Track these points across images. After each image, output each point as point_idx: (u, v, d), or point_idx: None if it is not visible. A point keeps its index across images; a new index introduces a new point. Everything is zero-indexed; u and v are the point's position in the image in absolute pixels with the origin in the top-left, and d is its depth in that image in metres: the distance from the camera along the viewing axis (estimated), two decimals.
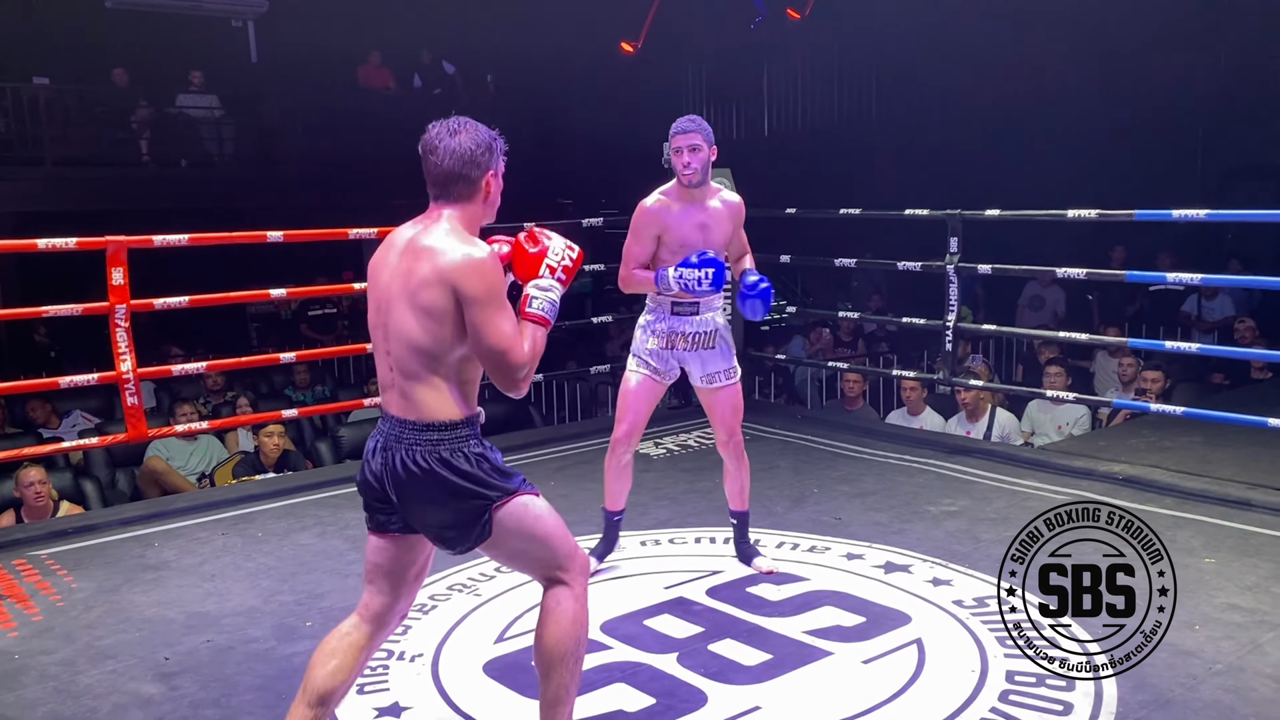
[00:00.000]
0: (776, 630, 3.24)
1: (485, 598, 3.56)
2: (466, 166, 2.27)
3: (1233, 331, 7.90)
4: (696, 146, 3.48)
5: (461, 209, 2.29)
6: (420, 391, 2.24)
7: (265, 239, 5.01)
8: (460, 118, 2.33)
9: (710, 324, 3.63)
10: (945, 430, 6.33)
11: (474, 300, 2.16)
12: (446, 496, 2.26)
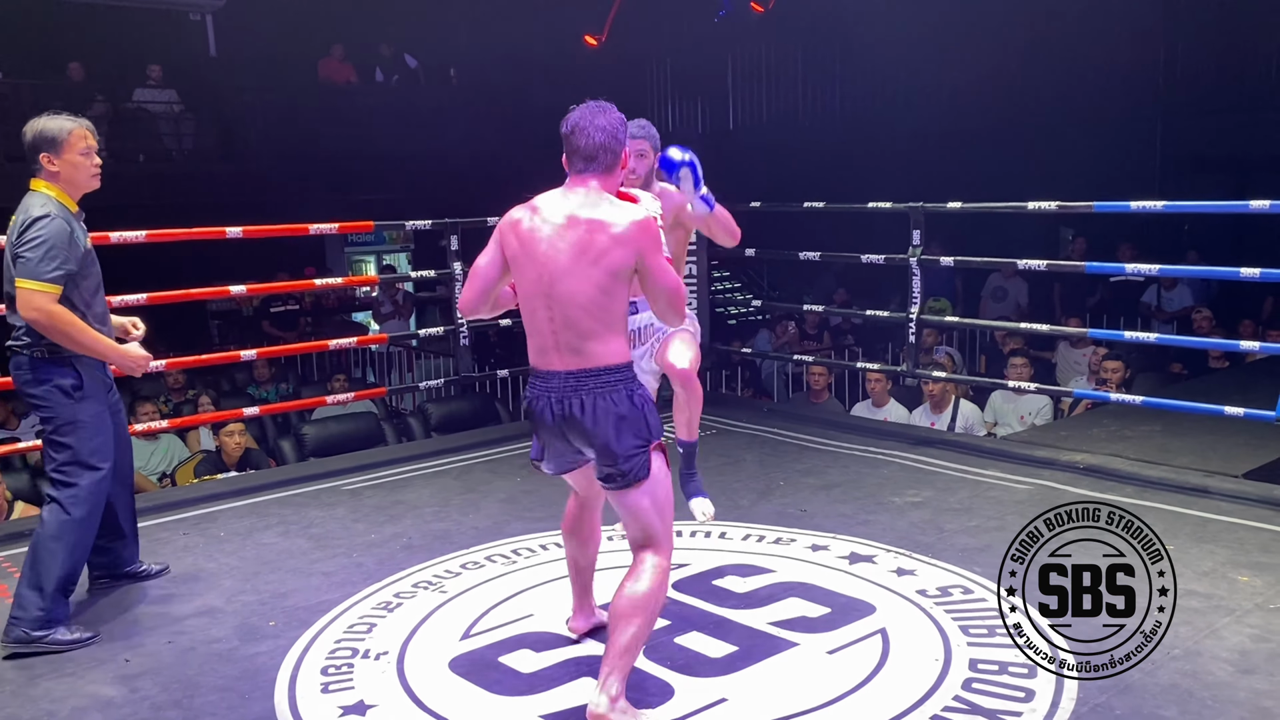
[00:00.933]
0: (742, 622, 3.25)
1: (451, 594, 3.54)
2: (612, 141, 2.60)
3: (1191, 321, 8.03)
4: (642, 153, 3.59)
5: (604, 179, 2.61)
6: (593, 345, 2.57)
7: (225, 235, 4.95)
8: (601, 101, 2.66)
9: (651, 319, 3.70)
10: (910, 422, 6.37)
11: (648, 250, 2.56)
12: (625, 430, 2.58)
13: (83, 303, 3.35)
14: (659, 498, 2.66)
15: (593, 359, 2.57)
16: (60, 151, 3.30)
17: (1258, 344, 5.24)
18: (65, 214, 3.30)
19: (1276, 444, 5.00)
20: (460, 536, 4.11)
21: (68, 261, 3.24)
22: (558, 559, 3.84)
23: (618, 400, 2.58)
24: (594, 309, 2.55)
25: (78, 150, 3.33)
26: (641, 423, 2.61)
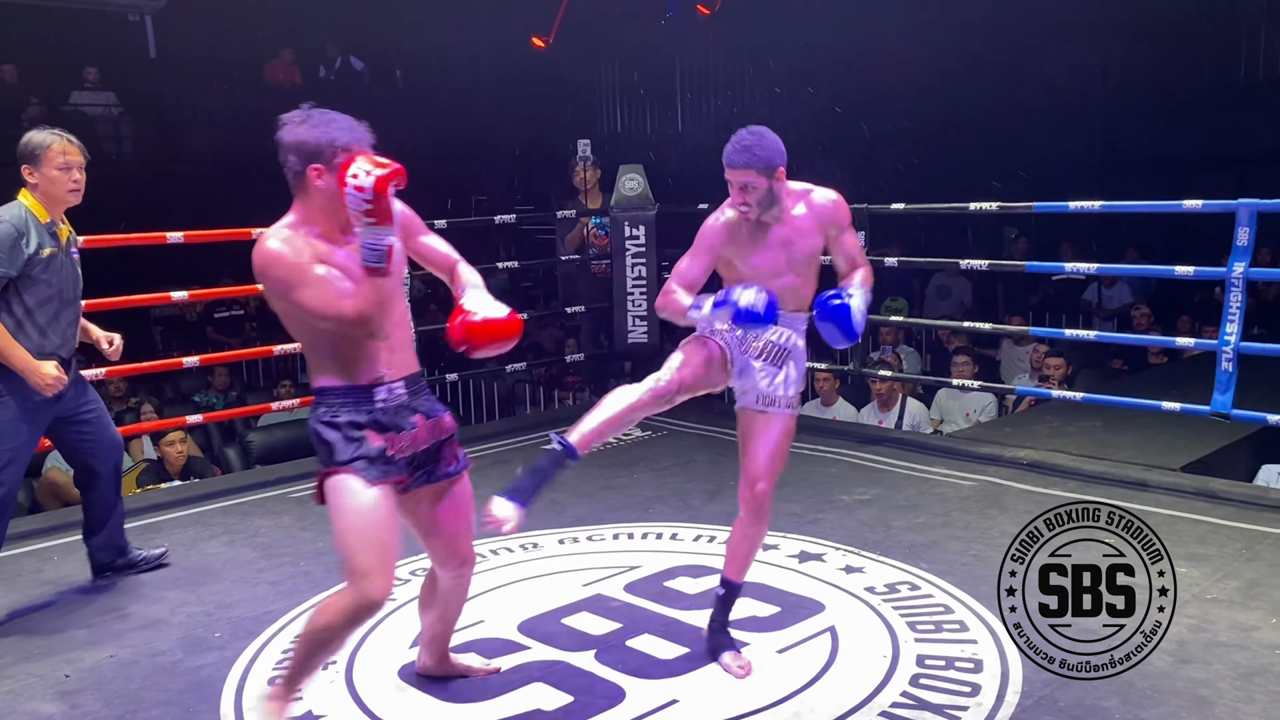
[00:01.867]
0: (694, 623, 3.26)
1: (400, 601, 3.51)
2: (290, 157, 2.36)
3: (1131, 318, 8.20)
4: (747, 186, 2.79)
5: (299, 198, 2.39)
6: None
7: (165, 240, 4.87)
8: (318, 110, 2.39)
9: (787, 337, 2.96)
10: (858, 420, 6.44)
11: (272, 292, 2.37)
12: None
13: (22, 310, 3.43)
14: (336, 529, 2.46)
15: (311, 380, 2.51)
16: (39, 165, 3.43)
17: (1192, 340, 5.36)
18: (25, 223, 3.39)
19: (1212, 438, 5.12)
20: (410, 542, 4.02)
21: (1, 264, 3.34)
22: (507, 564, 3.84)
23: (311, 424, 2.47)
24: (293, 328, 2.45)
25: (55, 165, 3.44)
26: (319, 453, 2.47)
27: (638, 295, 6.33)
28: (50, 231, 3.48)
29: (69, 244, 3.59)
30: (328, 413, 2.44)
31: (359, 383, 2.43)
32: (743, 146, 2.79)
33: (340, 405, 2.43)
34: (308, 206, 2.37)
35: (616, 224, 6.20)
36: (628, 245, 6.20)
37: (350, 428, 2.42)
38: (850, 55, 12.05)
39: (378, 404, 2.45)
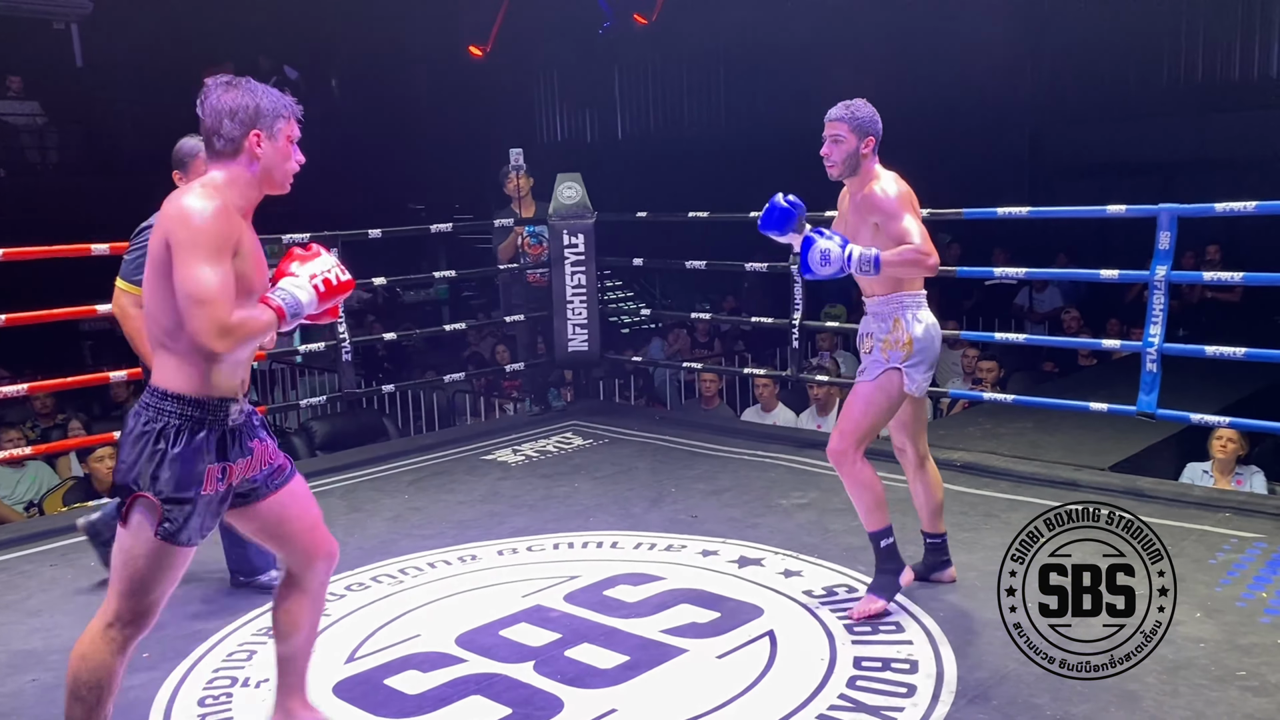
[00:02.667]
0: (633, 631, 3.26)
1: (335, 617, 3.46)
2: (220, 123, 2.21)
3: (1061, 322, 8.38)
4: (837, 137, 3.15)
5: (224, 167, 2.24)
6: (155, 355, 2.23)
7: (90, 252, 4.75)
8: (244, 77, 2.28)
9: (866, 325, 3.36)
10: (797, 425, 6.49)
11: (176, 244, 2.11)
12: (118, 467, 2.24)
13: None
14: (121, 551, 2.22)
15: (152, 373, 2.24)
16: (188, 172, 3.61)
17: (1119, 342, 5.49)
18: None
19: (1139, 437, 5.25)
20: (345, 557, 3.96)
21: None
22: (446, 577, 3.80)
23: (134, 426, 2.20)
24: (151, 312, 2.21)
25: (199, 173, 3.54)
26: (135, 466, 2.17)
27: (578, 304, 6.32)
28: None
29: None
30: (182, 424, 2.18)
31: (216, 395, 2.22)
32: (844, 105, 3.19)
33: (197, 420, 2.19)
34: (235, 174, 2.24)
35: (555, 232, 6.18)
36: (566, 254, 6.18)
37: (192, 456, 2.18)
38: (786, 64, 12.18)
39: (227, 422, 2.24)
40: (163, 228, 2.14)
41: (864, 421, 3.29)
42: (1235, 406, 5.67)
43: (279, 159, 2.27)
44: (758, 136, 12.22)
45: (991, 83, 11.02)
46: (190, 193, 2.17)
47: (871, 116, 3.18)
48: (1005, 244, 9.26)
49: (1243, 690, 2.76)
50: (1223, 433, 4.89)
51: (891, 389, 3.29)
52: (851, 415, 3.31)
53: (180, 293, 2.09)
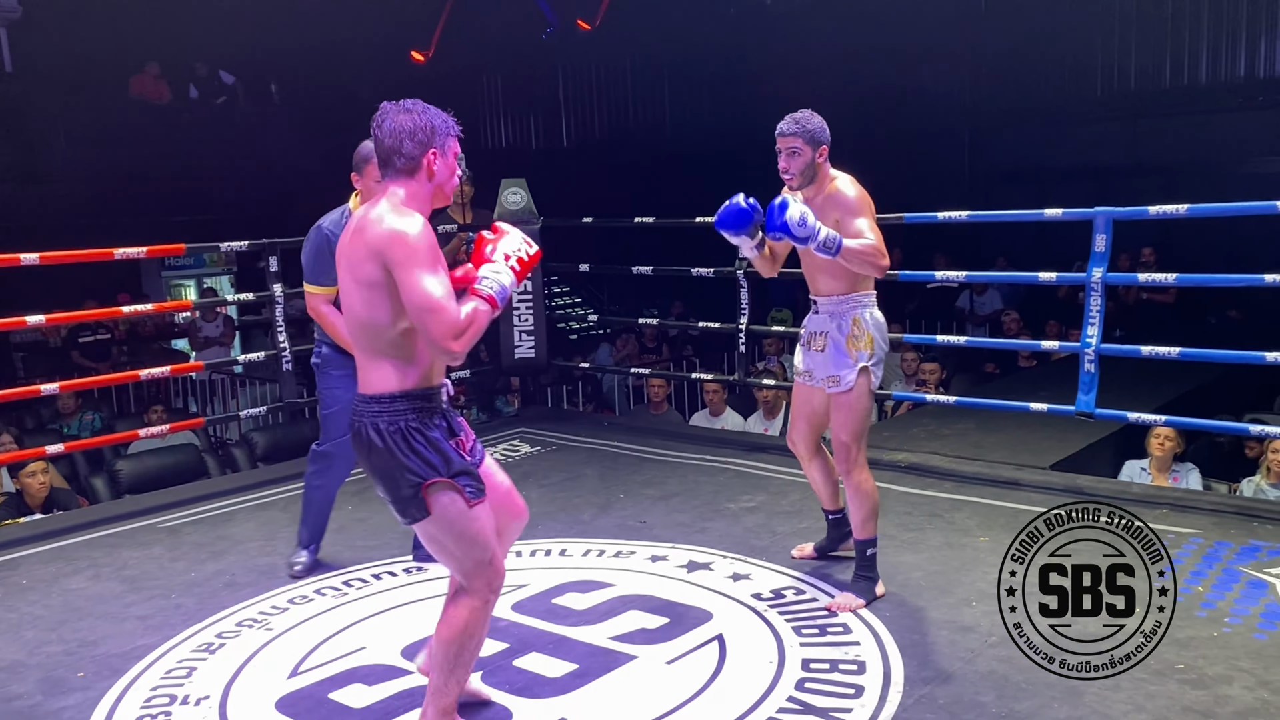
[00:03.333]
0: (582, 639, 3.24)
1: (278, 631, 3.39)
2: (401, 143, 2.38)
3: (1002, 324, 8.51)
4: (794, 151, 3.28)
5: (405, 183, 2.39)
6: (365, 365, 2.41)
7: (19, 262, 4.62)
8: (414, 99, 2.45)
9: (821, 324, 3.45)
10: (745, 429, 6.51)
11: (396, 263, 2.27)
12: (379, 471, 2.41)
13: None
14: (452, 534, 2.43)
15: (365, 382, 2.42)
16: (363, 174, 3.74)
17: (1057, 343, 5.59)
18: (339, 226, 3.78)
19: (1078, 436, 5.34)
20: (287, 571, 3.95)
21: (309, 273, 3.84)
22: (391, 588, 3.75)
23: (370, 436, 2.38)
24: (362, 322, 2.39)
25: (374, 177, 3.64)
26: (394, 464, 2.37)
27: (524, 310, 6.29)
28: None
29: None
30: (401, 417, 2.38)
31: (431, 385, 2.45)
32: (793, 119, 3.29)
33: (426, 410, 2.42)
34: (414, 190, 2.40)
35: None
36: None
37: (443, 438, 2.42)
38: (731, 69, 12.25)
39: (445, 406, 2.49)
40: (371, 248, 2.31)
41: (857, 428, 3.42)
42: (1171, 405, 5.81)
43: (448, 174, 2.45)
44: (703, 141, 12.27)
45: (931, 91, 11.21)
46: (390, 213, 2.34)
47: (821, 126, 3.32)
48: (946, 248, 9.39)
49: (1181, 683, 2.81)
50: (1160, 431, 4.99)
51: (867, 388, 3.43)
52: (846, 426, 3.41)
53: (411, 306, 2.29)
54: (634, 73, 13.89)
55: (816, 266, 3.42)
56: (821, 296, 3.45)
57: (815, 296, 3.49)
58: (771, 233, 3.14)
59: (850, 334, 3.39)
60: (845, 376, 3.39)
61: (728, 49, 12.02)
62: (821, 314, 3.46)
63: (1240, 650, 2.99)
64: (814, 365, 3.50)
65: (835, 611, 3.35)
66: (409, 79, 13.22)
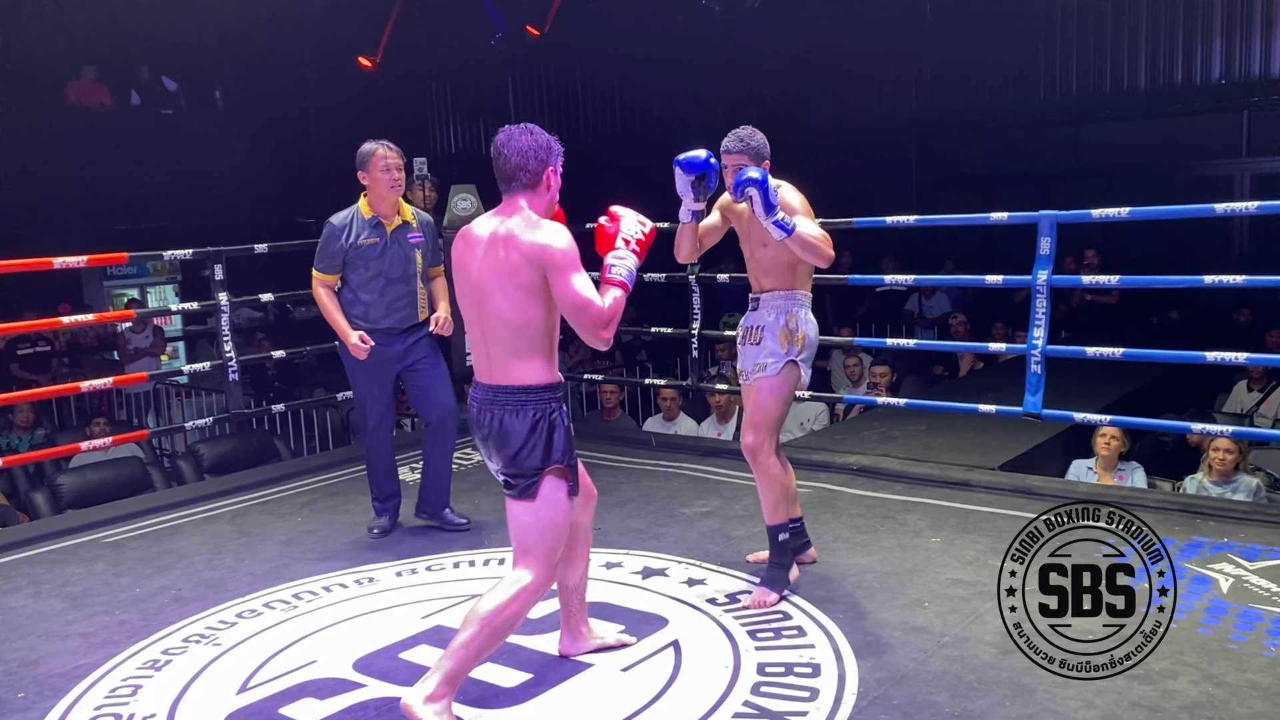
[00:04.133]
0: (536, 648, 3.21)
1: (226, 646, 3.33)
2: (526, 160, 2.69)
3: (950, 326, 8.62)
4: (741, 166, 3.42)
5: (529, 196, 2.71)
6: (512, 361, 2.69)
7: None
8: (528, 124, 2.76)
9: (759, 319, 3.57)
10: (698, 434, 6.52)
11: (552, 267, 2.60)
12: (520, 449, 2.69)
13: (350, 289, 4.26)
14: (542, 519, 2.71)
15: (508, 375, 2.69)
16: (366, 169, 4.17)
17: (1004, 345, 5.66)
18: (347, 221, 4.20)
19: (1026, 437, 5.42)
20: (236, 584, 3.88)
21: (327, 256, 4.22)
22: (342, 600, 3.70)
23: (522, 419, 2.68)
24: (512, 326, 2.66)
25: (379, 168, 4.15)
26: (537, 449, 2.69)
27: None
28: (374, 224, 4.17)
29: (398, 233, 4.22)
30: (552, 408, 2.71)
31: (558, 379, 2.75)
32: (737, 137, 3.47)
33: (562, 400, 2.73)
34: (537, 203, 2.71)
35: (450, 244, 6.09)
36: None
37: (570, 428, 2.75)
38: (677, 73, 12.29)
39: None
40: (527, 256, 2.61)
41: (773, 413, 3.52)
42: (1116, 405, 5.92)
43: (557, 189, 2.78)
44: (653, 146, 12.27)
45: (878, 98, 11.34)
46: (540, 225, 2.66)
47: (763, 142, 3.48)
48: (894, 252, 9.49)
49: (1129, 679, 2.85)
50: (1106, 430, 5.07)
51: (792, 381, 3.54)
52: (762, 409, 3.52)
53: (566, 304, 2.62)
54: (584, 78, 13.88)
55: (761, 265, 3.55)
56: (764, 293, 3.57)
57: (757, 294, 3.61)
58: (739, 189, 3.28)
59: (786, 325, 3.51)
60: (772, 365, 3.51)
61: (677, 55, 12.06)
62: (761, 309, 3.57)
63: (1185, 645, 3.04)
64: (743, 359, 3.62)
65: (753, 608, 3.41)
66: (356, 85, 13.13)
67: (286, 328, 11.86)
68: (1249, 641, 3.05)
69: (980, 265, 6.49)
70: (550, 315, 2.67)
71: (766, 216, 3.26)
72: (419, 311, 4.32)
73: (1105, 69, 10.44)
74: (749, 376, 3.58)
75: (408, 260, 4.25)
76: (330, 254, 4.20)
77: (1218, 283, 4.21)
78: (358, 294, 4.24)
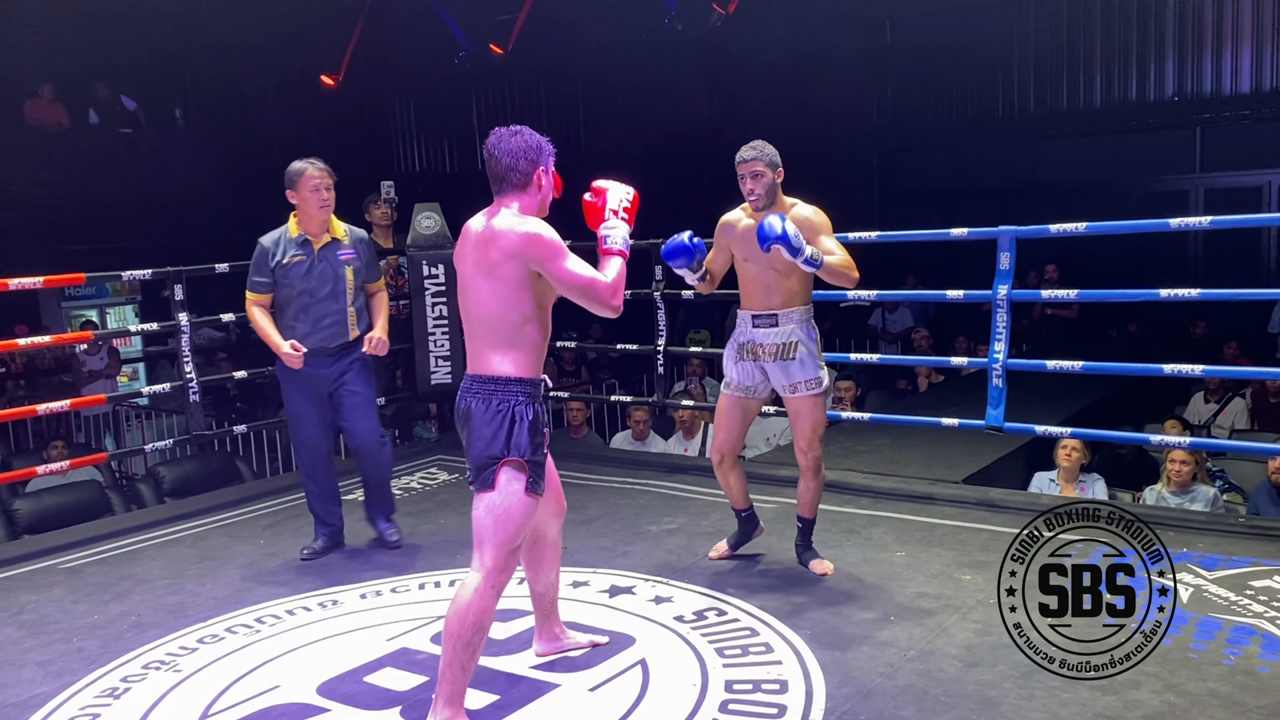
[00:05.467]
0: (503, 669, 3.19)
1: (187, 673, 3.28)
2: (516, 161, 2.75)
3: (913, 341, 8.69)
4: (757, 174, 3.59)
5: (520, 197, 2.77)
6: (488, 352, 2.76)
7: None
8: (516, 125, 2.82)
9: (789, 335, 3.68)
10: (665, 450, 6.52)
11: (541, 259, 2.67)
12: (481, 439, 2.72)
13: (278, 305, 4.24)
14: (496, 509, 2.73)
15: (483, 365, 2.75)
16: (296, 187, 4.16)
17: (966, 359, 5.72)
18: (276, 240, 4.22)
19: (989, 450, 5.47)
20: (197, 609, 3.82)
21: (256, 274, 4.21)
22: (306, 624, 3.65)
23: (487, 407, 2.72)
24: (487, 319, 2.73)
25: (307, 188, 4.15)
26: (497, 438, 2.71)
27: (439, 335, 6.20)
28: (300, 242, 4.17)
29: (326, 250, 4.20)
30: (517, 400, 2.73)
31: (539, 376, 2.78)
32: (751, 146, 3.62)
33: (533, 396, 2.75)
34: (526, 203, 2.77)
35: (414, 263, 6.07)
36: (427, 285, 6.07)
37: (537, 423, 2.75)
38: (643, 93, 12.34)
39: (542, 396, 2.79)
40: (508, 251, 2.68)
41: (822, 428, 3.79)
42: (1077, 417, 5.99)
43: (549, 189, 2.84)
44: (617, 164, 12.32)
45: (840, 115, 11.45)
46: (521, 221, 2.71)
47: (775, 152, 3.65)
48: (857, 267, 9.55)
49: (1092, 690, 2.88)
50: (1067, 442, 5.13)
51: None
52: (819, 424, 3.77)
53: (570, 288, 2.70)
54: (548, 98, 13.91)
55: (774, 282, 3.68)
56: (781, 310, 3.70)
57: (766, 310, 3.71)
58: (764, 244, 3.37)
59: (817, 341, 3.74)
60: (822, 376, 3.73)
61: (641, 73, 12.11)
62: (782, 325, 3.69)
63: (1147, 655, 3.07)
64: (779, 374, 3.73)
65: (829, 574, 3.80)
66: (319, 104, 13.05)
67: (248, 348, 11.71)
68: (1209, 650, 3.09)
69: (942, 280, 6.55)
70: (528, 310, 2.72)
71: (795, 259, 3.40)
72: (349, 330, 4.28)
73: (1062, 87, 10.63)
74: (797, 390, 3.72)
75: (337, 278, 4.23)
76: (260, 273, 4.20)
77: (1174, 296, 4.28)
78: (284, 310, 4.22)
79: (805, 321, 3.73)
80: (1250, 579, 3.62)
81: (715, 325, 10.38)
